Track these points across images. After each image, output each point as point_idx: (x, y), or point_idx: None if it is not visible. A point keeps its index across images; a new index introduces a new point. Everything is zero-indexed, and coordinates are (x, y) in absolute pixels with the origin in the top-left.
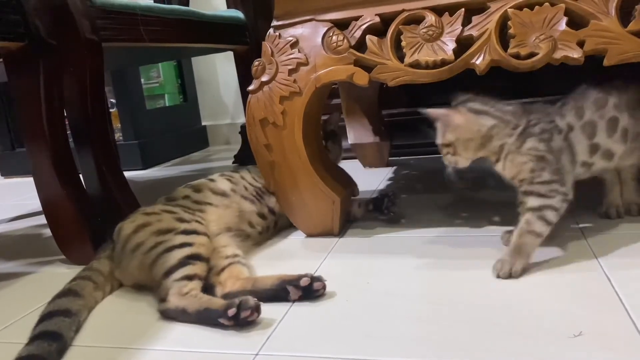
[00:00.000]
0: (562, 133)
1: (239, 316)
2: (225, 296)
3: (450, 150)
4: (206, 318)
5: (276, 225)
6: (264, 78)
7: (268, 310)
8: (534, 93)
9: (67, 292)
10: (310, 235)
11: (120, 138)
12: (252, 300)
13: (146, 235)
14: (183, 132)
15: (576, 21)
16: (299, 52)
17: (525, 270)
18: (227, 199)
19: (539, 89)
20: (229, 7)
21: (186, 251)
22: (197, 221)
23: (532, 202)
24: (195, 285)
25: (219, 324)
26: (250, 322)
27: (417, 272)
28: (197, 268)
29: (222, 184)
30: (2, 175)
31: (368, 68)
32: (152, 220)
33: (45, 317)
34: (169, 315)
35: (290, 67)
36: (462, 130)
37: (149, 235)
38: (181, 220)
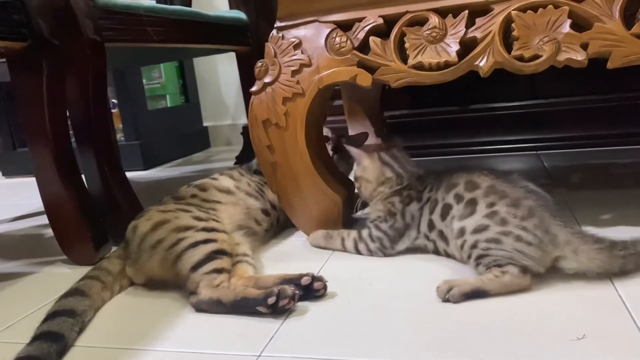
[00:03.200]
0: (421, 202)
1: (277, 304)
2: None
3: (357, 183)
4: (243, 307)
5: (278, 222)
6: (267, 79)
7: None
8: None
9: (74, 291)
10: None
11: (122, 138)
12: (289, 290)
13: (166, 232)
14: (184, 132)
15: (580, 24)
16: (302, 53)
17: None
18: (234, 196)
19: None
20: (231, 7)
21: (211, 247)
22: (213, 219)
23: (364, 230)
24: (225, 278)
25: (257, 311)
26: (286, 310)
27: (419, 274)
28: (224, 262)
29: (226, 181)
30: (3, 175)
31: (371, 69)
32: (170, 218)
33: (49, 317)
34: (202, 307)
35: (293, 68)
36: (367, 172)
37: (169, 232)
38: (198, 218)
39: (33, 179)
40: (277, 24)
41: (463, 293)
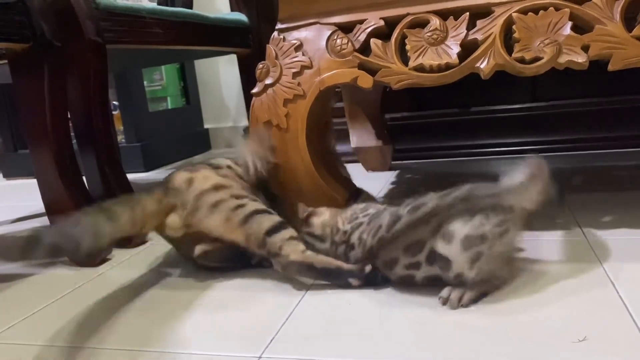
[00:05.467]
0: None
1: (374, 278)
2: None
3: None
4: (333, 276)
5: None
6: (268, 81)
7: (271, 312)
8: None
9: (104, 210)
10: None
11: (123, 140)
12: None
13: (227, 195)
14: (185, 134)
15: (581, 26)
16: (303, 55)
17: None
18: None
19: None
20: (232, 10)
21: (276, 217)
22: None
23: None
24: (305, 247)
25: (347, 283)
26: (377, 284)
27: None
28: (294, 232)
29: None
30: (4, 177)
31: (372, 71)
32: (226, 184)
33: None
34: (292, 268)
35: (294, 70)
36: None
37: (229, 196)
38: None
39: (34, 181)
40: (278, 25)
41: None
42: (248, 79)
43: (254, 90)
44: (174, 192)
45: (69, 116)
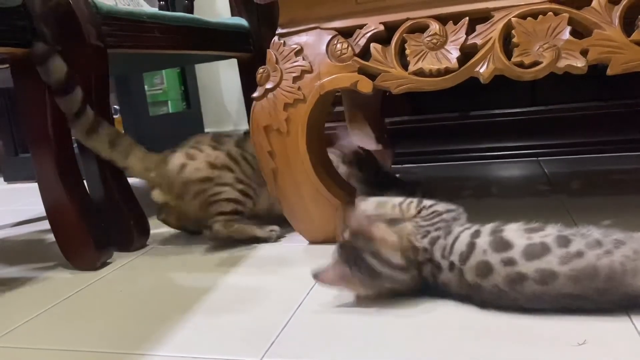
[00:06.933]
0: None
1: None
2: None
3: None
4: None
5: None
6: (269, 85)
7: (271, 315)
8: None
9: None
10: (313, 242)
11: None
12: None
13: (210, 185)
14: (186, 138)
15: (580, 31)
16: (304, 59)
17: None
18: None
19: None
20: (233, 14)
21: (236, 207)
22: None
23: None
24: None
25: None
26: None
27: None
28: (235, 218)
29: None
30: (5, 181)
31: (372, 76)
32: (212, 176)
33: None
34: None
35: (294, 74)
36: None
37: (213, 185)
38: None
39: (35, 185)
40: (279, 30)
41: None
42: (248, 83)
43: (255, 95)
44: (165, 173)
45: None
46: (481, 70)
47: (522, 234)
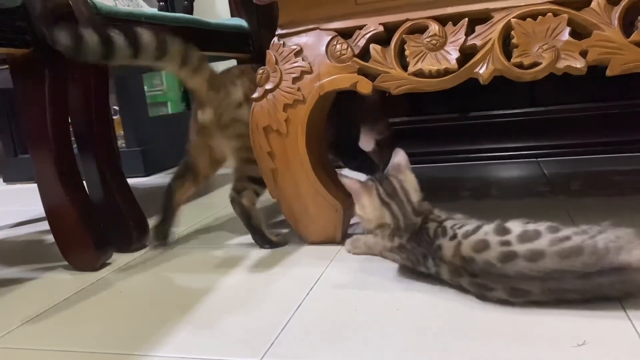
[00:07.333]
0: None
1: None
2: None
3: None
4: (256, 234)
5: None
6: (268, 86)
7: (271, 316)
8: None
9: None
10: (312, 242)
11: (123, 145)
12: None
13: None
14: (185, 139)
15: (579, 31)
16: (303, 60)
17: None
18: None
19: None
20: (232, 15)
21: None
22: None
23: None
24: None
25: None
26: None
27: (422, 280)
28: (260, 191)
29: None
30: (4, 181)
31: (371, 76)
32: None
33: None
34: (237, 210)
35: (294, 75)
36: (366, 211)
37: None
38: None
39: (34, 185)
40: (278, 31)
41: None
42: None
43: (254, 95)
44: (222, 99)
45: (69, 121)
46: (481, 71)
47: (520, 224)
